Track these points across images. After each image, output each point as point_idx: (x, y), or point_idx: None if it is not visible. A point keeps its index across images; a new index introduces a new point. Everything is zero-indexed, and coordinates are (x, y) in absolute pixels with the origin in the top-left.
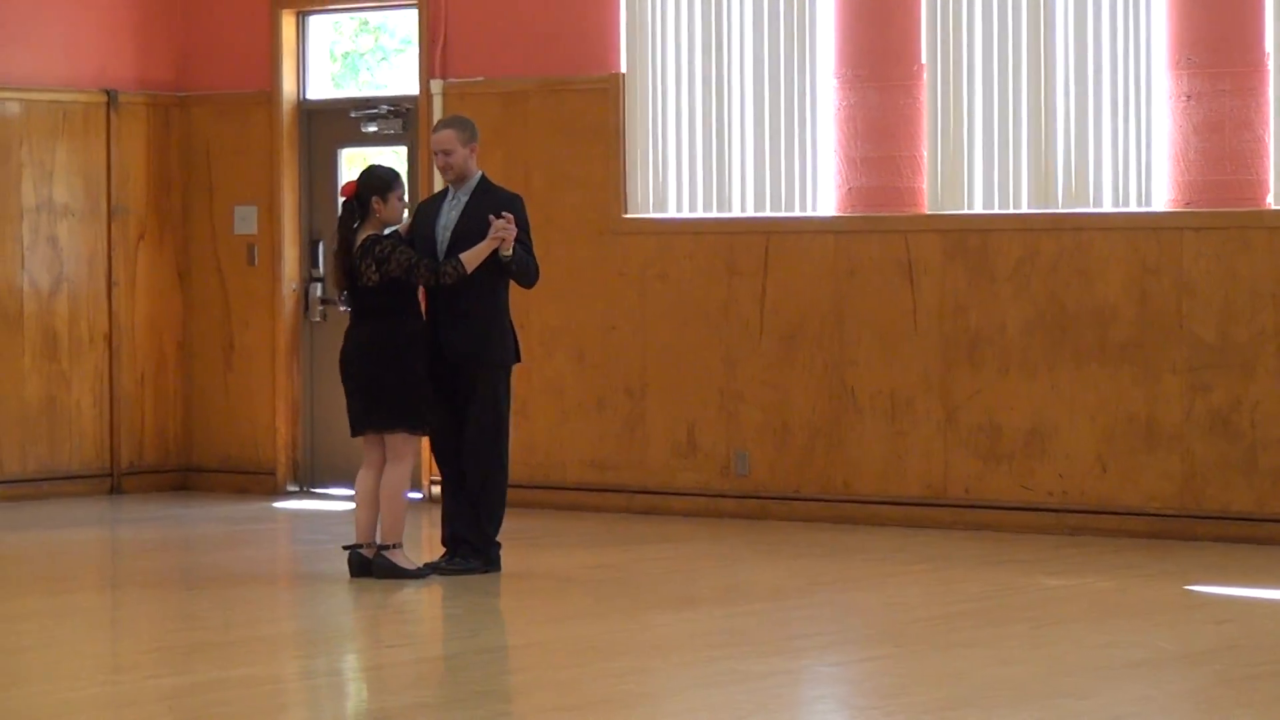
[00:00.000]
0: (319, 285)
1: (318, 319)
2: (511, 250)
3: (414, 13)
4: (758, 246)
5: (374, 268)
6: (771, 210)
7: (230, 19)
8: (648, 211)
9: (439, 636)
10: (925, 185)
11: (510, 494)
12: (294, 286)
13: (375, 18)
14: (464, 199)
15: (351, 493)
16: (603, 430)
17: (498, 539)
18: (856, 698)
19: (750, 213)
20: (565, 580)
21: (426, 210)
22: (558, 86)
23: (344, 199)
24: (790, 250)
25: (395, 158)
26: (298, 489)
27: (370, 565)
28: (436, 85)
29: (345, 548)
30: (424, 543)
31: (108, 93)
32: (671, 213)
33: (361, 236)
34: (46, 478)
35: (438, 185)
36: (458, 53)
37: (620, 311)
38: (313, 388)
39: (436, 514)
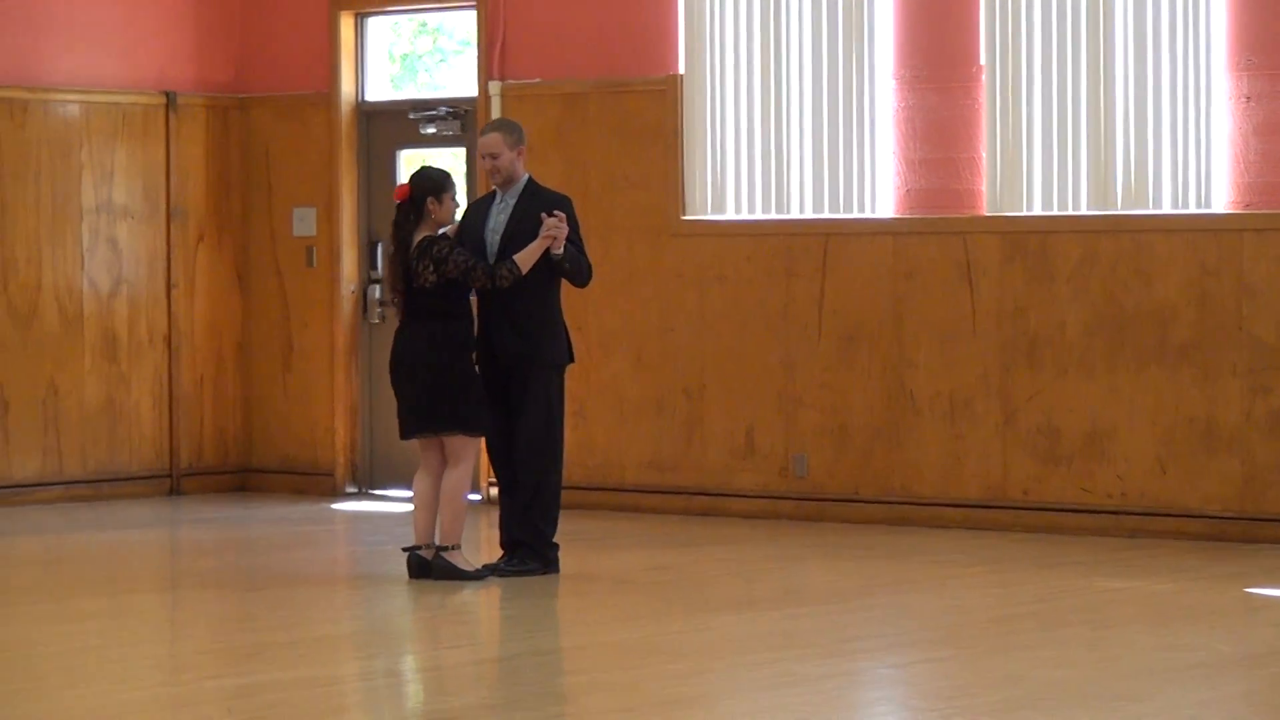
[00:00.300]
0: (377, 287)
1: (376, 320)
2: (563, 249)
3: (473, 14)
4: (816, 248)
5: (431, 268)
6: (830, 212)
7: (289, 21)
8: (706, 213)
9: (497, 638)
10: (984, 187)
11: (568, 495)
12: (352, 288)
13: (434, 19)
14: (511, 202)
15: (409, 494)
16: (661, 432)
17: (555, 540)
18: (914, 700)
19: (809, 214)
20: (623, 582)
21: (474, 214)
22: (616, 88)
23: (398, 202)
24: (849, 252)
25: (454, 159)
26: (356, 490)
27: (429, 567)
28: (495, 87)
29: (404, 549)
30: (483, 544)
31: (167, 94)
32: (730, 214)
33: (417, 238)
34: (106, 479)
35: None
36: (516, 54)
37: (679, 313)
38: (371, 389)
39: (495, 516)
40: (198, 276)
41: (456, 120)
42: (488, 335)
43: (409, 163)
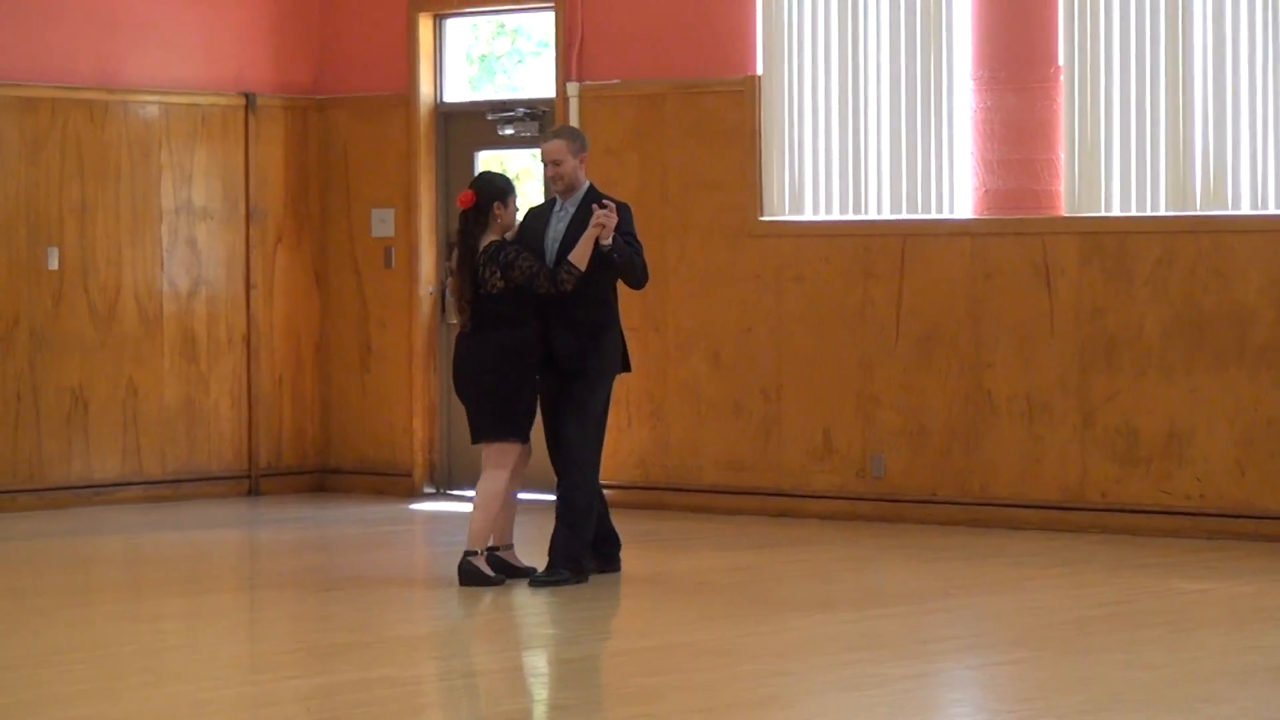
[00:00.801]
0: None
1: (454, 322)
2: (611, 239)
3: (551, 15)
4: (894, 249)
5: (498, 274)
6: (908, 213)
7: (367, 22)
8: (784, 214)
9: (575, 638)
10: (1062, 188)
11: (645, 496)
12: (430, 289)
13: (512, 20)
14: (571, 210)
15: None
16: (738, 432)
17: (618, 539)
18: (992, 701)
19: (886, 215)
20: (701, 583)
21: (534, 221)
22: (694, 89)
23: (463, 209)
24: (926, 253)
25: (531, 160)
26: (434, 491)
27: (510, 568)
28: (573, 88)
29: (483, 550)
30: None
31: (246, 95)
32: (808, 215)
33: (484, 243)
34: (185, 479)
35: None
36: (594, 55)
37: (756, 314)
38: (449, 389)
39: (548, 517)
40: (276, 277)
41: (534, 121)
42: (546, 341)
43: (485, 164)
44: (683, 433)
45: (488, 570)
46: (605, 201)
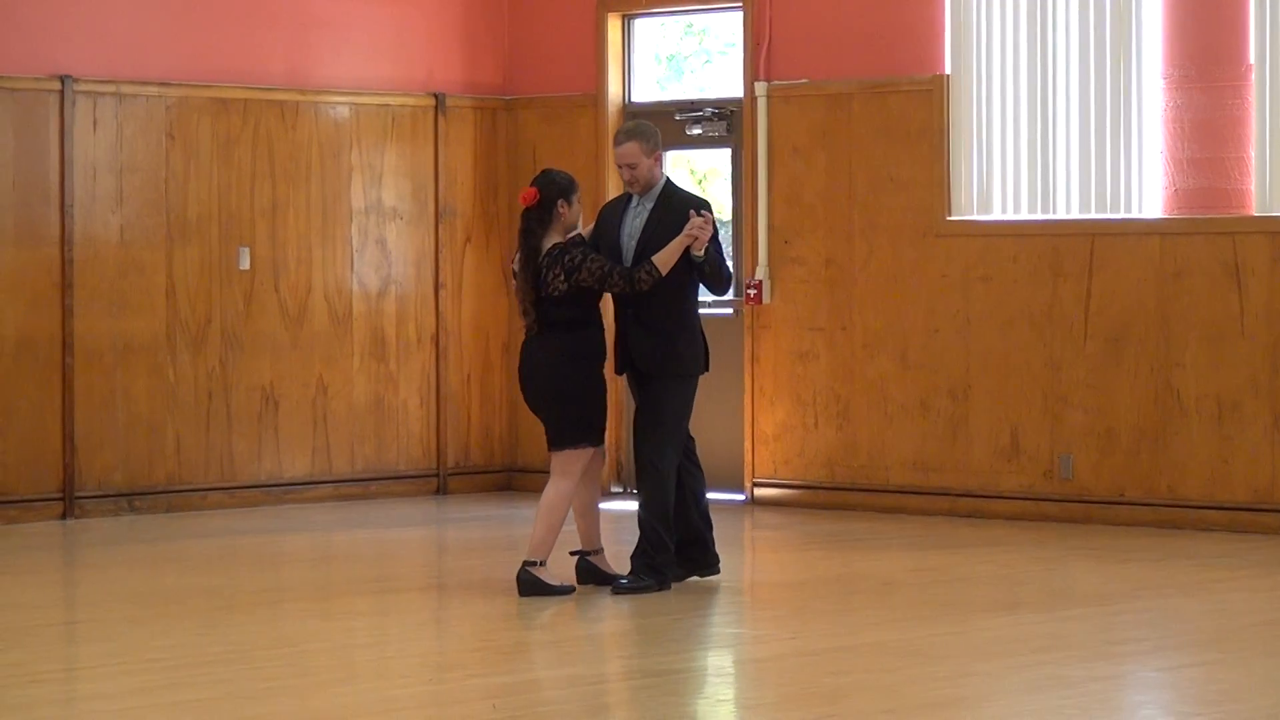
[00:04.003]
0: None
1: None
2: (704, 251)
3: (739, 15)
4: (1083, 248)
5: (562, 276)
6: (1097, 212)
7: (556, 23)
8: (972, 213)
9: (760, 639)
10: (1253, 186)
11: (832, 496)
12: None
13: (700, 20)
14: (649, 206)
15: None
16: (926, 432)
17: (714, 543)
18: (1180, 704)
19: (1075, 214)
20: (887, 583)
21: (609, 217)
22: (882, 88)
23: (526, 207)
24: (1115, 252)
25: (720, 160)
26: (621, 490)
27: (598, 573)
28: (761, 87)
29: (572, 553)
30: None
31: (436, 96)
32: (996, 214)
33: (547, 244)
34: (374, 477)
35: (761, 185)
36: (782, 55)
37: (944, 314)
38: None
39: (630, 524)
40: (465, 277)
41: (722, 121)
42: (625, 343)
43: (675, 164)
44: (870, 433)
45: (550, 580)
46: (704, 212)
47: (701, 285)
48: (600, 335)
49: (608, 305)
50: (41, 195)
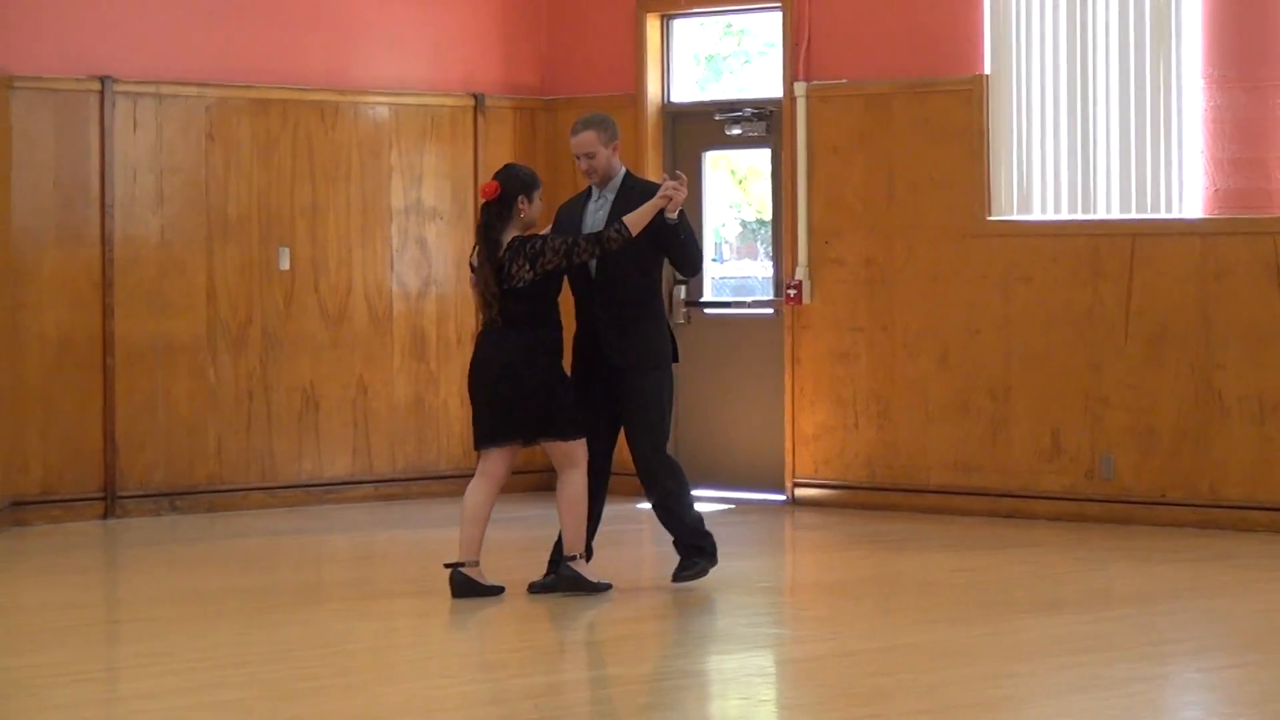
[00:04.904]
0: (683, 288)
1: (682, 321)
2: (677, 213)
3: (778, 15)
4: (1123, 249)
5: (527, 266)
6: (1137, 212)
7: (595, 23)
8: (1012, 214)
9: (801, 640)
10: None
11: (872, 496)
12: None
13: (739, 20)
14: (610, 197)
15: (720, 494)
16: (966, 433)
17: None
18: (1223, 705)
19: (1115, 215)
20: (928, 584)
21: (569, 212)
22: (921, 88)
23: (484, 201)
24: (1156, 252)
25: (760, 160)
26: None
27: (473, 585)
28: (800, 88)
29: (446, 565)
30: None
31: (475, 96)
32: (1036, 215)
33: (507, 238)
34: (415, 477)
35: (802, 184)
36: (821, 55)
37: (983, 314)
38: (676, 390)
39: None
40: None
41: (762, 121)
42: (592, 337)
43: (714, 164)
44: (910, 434)
45: (590, 577)
46: (679, 173)
47: (672, 266)
48: (557, 333)
49: (567, 305)
50: (82, 196)
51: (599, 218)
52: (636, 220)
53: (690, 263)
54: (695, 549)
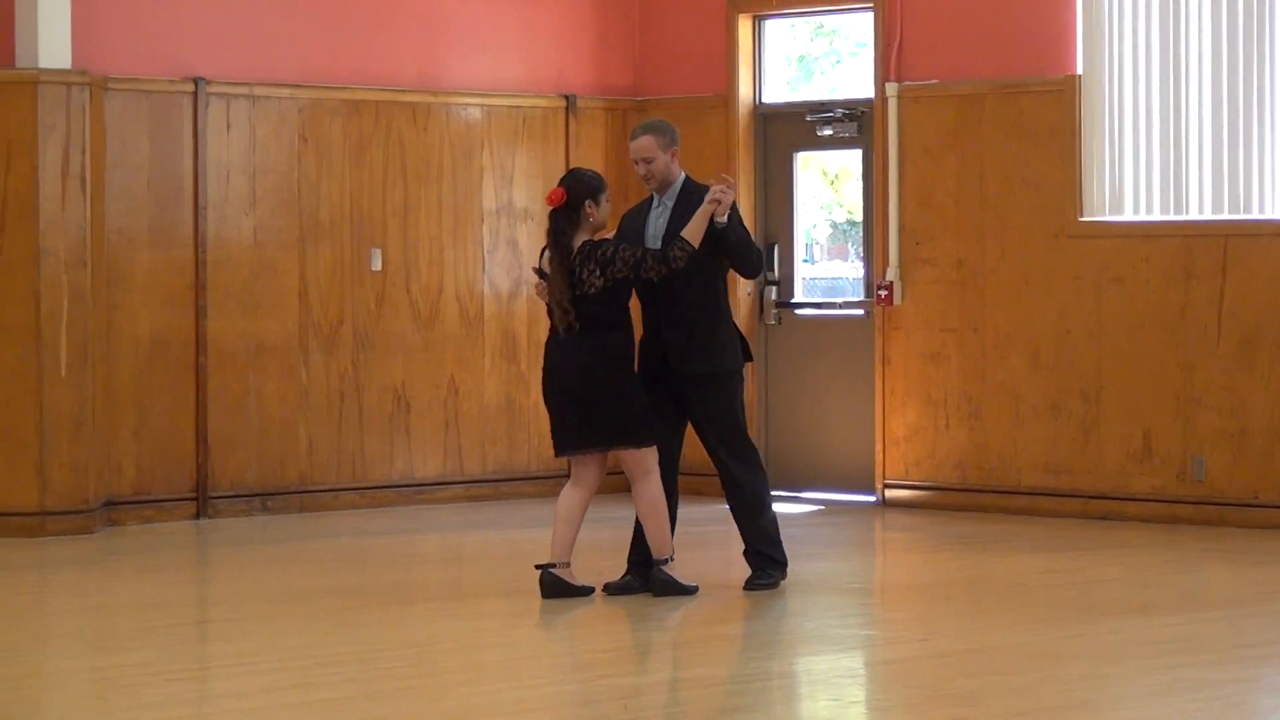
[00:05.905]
0: (774, 289)
1: (773, 322)
2: (726, 217)
3: (869, 16)
4: (1215, 249)
5: (597, 272)
6: (1230, 213)
7: (687, 24)
8: (1103, 214)
9: (893, 640)
10: None
11: (963, 498)
12: (749, 290)
13: (830, 21)
14: (670, 204)
15: (810, 495)
16: (1057, 434)
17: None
18: None
19: (1208, 215)
20: (1019, 585)
21: (632, 221)
22: (1013, 88)
23: (552, 208)
24: (1248, 253)
25: (851, 161)
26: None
27: (563, 586)
28: (891, 88)
29: (537, 566)
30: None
31: (566, 98)
32: (1128, 215)
33: (577, 243)
34: (505, 478)
35: (893, 184)
36: (913, 55)
37: (1075, 315)
38: (766, 391)
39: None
40: None
41: (853, 122)
42: (658, 343)
43: (804, 165)
44: (1001, 435)
45: (680, 579)
46: (725, 175)
47: (735, 270)
48: (630, 337)
49: (635, 309)
50: (176, 197)
51: (660, 225)
52: (693, 232)
53: (747, 265)
54: (768, 559)
